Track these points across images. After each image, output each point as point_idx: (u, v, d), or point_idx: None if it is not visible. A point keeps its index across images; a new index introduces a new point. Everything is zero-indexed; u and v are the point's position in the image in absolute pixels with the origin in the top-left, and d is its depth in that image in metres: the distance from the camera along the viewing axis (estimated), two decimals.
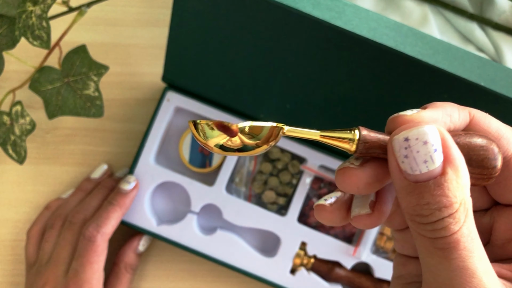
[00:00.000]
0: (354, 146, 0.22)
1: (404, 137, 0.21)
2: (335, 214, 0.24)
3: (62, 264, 0.46)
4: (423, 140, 0.20)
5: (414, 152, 0.20)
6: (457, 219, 0.20)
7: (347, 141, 0.22)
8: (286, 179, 0.53)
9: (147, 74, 0.56)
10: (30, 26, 0.41)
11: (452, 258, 0.20)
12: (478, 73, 0.40)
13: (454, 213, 0.20)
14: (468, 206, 0.21)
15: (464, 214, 0.20)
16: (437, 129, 0.21)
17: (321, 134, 0.23)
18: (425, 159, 0.20)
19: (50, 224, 0.49)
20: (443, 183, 0.20)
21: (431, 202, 0.20)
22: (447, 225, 0.20)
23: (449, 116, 0.23)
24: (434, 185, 0.20)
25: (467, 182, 0.21)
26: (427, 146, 0.20)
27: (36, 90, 0.45)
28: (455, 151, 0.21)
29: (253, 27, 0.43)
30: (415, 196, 0.21)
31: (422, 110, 0.22)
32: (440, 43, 0.40)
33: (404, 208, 0.21)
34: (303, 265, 0.51)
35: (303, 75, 0.45)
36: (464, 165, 0.21)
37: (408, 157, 0.21)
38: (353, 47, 0.40)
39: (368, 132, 0.22)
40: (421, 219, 0.21)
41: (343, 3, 0.39)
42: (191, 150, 0.53)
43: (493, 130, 0.23)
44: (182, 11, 0.44)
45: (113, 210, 0.47)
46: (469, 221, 0.21)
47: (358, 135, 0.22)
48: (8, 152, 0.48)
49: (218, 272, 0.53)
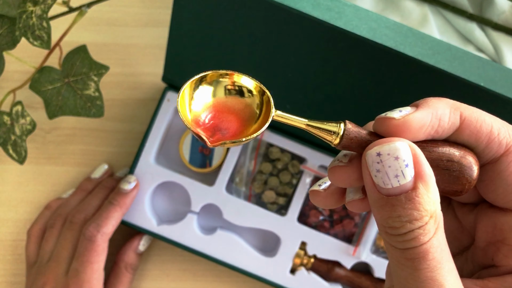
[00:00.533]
0: (338, 139, 0.23)
1: (376, 152, 0.21)
2: (328, 199, 0.25)
3: (63, 263, 0.46)
4: (395, 155, 0.21)
5: (386, 167, 0.21)
6: (427, 231, 0.21)
7: (331, 133, 0.23)
8: (286, 179, 0.53)
9: (147, 74, 0.56)
10: (31, 26, 0.41)
11: (421, 268, 0.21)
12: (478, 74, 0.40)
13: (424, 225, 0.21)
14: (439, 220, 0.21)
15: (434, 227, 0.21)
16: (409, 146, 0.21)
17: (307, 123, 0.24)
18: (396, 173, 0.21)
19: (50, 224, 0.49)
20: (414, 197, 0.21)
21: (402, 215, 0.21)
22: (417, 236, 0.21)
23: (438, 119, 0.22)
24: (405, 199, 0.21)
25: (437, 197, 0.21)
26: (398, 162, 0.21)
27: (37, 90, 0.45)
28: (425, 168, 0.21)
29: (253, 28, 0.43)
30: (387, 209, 0.21)
31: (410, 112, 0.22)
32: (439, 43, 0.40)
33: (378, 220, 0.22)
34: (303, 265, 0.51)
35: (303, 75, 0.45)
36: (433, 181, 0.21)
37: (380, 172, 0.21)
38: (353, 47, 0.40)
39: (353, 127, 0.23)
40: (392, 230, 0.21)
41: (343, 4, 0.39)
42: (191, 150, 0.53)
43: (483, 134, 0.23)
44: (182, 11, 0.44)
45: (114, 210, 0.48)
46: (439, 234, 0.21)
47: (342, 130, 0.23)
48: (8, 152, 0.48)
49: (218, 271, 0.53)
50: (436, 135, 0.23)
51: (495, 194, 0.24)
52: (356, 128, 0.23)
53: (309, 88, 0.46)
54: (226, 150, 0.52)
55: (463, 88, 0.40)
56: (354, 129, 0.23)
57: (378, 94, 0.44)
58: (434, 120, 0.22)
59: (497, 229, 0.24)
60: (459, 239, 0.26)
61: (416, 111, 0.22)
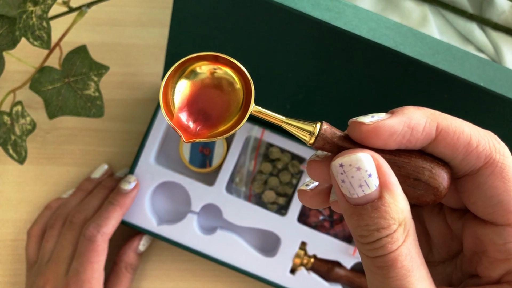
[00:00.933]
0: (313, 139, 0.23)
1: (339, 163, 0.22)
2: (315, 199, 0.25)
3: (63, 263, 0.46)
4: (356, 166, 0.21)
5: (349, 177, 0.22)
6: (395, 239, 0.21)
7: (307, 133, 0.23)
8: (286, 179, 0.53)
9: (147, 74, 0.56)
10: (31, 26, 0.41)
11: (390, 276, 0.21)
12: (478, 74, 0.40)
13: (392, 233, 0.21)
14: (409, 228, 0.22)
15: (403, 235, 0.21)
16: (371, 156, 0.21)
17: (285, 121, 0.24)
18: (360, 183, 0.21)
19: (50, 224, 0.49)
20: (380, 206, 0.21)
21: (369, 224, 0.21)
22: (384, 244, 0.21)
23: (411, 129, 0.22)
24: (372, 208, 0.21)
25: (405, 206, 0.22)
26: (360, 172, 0.21)
27: (37, 90, 0.45)
28: (390, 177, 0.21)
29: (253, 28, 0.43)
30: (355, 218, 0.22)
31: (382, 118, 0.22)
32: (439, 44, 0.40)
33: (350, 229, 0.22)
34: (303, 264, 0.51)
35: (303, 75, 0.45)
36: (399, 190, 0.22)
37: (345, 182, 0.22)
38: (353, 47, 0.40)
39: (329, 129, 0.23)
40: (362, 239, 0.22)
41: (343, 4, 0.39)
42: (191, 150, 0.53)
43: (460, 146, 0.22)
44: (182, 11, 0.44)
45: (114, 210, 0.48)
46: (409, 242, 0.21)
47: (318, 130, 0.23)
48: (8, 152, 0.48)
49: (218, 271, 0.53)
50: (409, 145, 0.23)
51: (476, 206, 0.23)
52: (332, 130, 0.23)
53: (309, 88, 0.46)
54: (226, 150, 0.52)
55: (463, 88, 0.40)
56: (329, 131, 0.23)
57: (378, 94, 0.44)
58: (406, 129, 0.22)
59: (479, 240, 0.24)
60: (449, 245, 0.26)
61: (389, 118, 0.22)
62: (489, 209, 0.23)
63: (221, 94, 0.24)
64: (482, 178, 0.23)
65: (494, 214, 0.23)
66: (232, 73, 0.24)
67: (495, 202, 0.22)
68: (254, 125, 0.50)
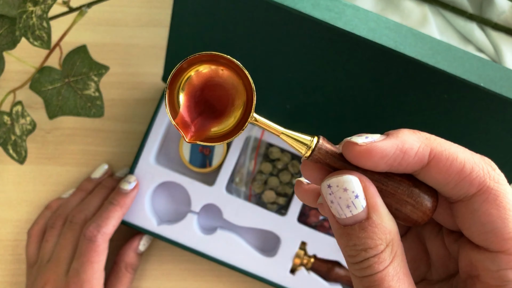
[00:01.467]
0: (309, 152, 0.23)
1: (327, 184, 0.23)
2: (308, 194, 0.26)
3: (63, 263, 0.46)
4: (343, 187, 0.22)
5: (337, 198, 0.22)
6: (382, 259, 0.22)
7: (304, 146, 0.24)
8: (286, 179, 0.53)
9: (147, 74, 0.56)
10: (31, 26, 0.41)
11: None
12: (478, 74, 0.40)
13: (379, 254, 0.22)
14: (397, 248, 0.22)
15: (390, 255, 0.22)
16: (358, 178, 0.22)
17: (283, 132, 0.24)
18: (347, 204, 0.22)
19: (51, 224, 0.49)
20: (367, 226, 0.22)
21: (357, 244, 0.22)
22: (372, 264, 0.22)
23: (403, 153, 0.22)
24: (359, 228, 0.22)
25: (392, 227, 0.22)
26: (347, 193, 0.22)
27: (37, 90, 0.45)
28: (376, 199, 0.22)
29: (253, 28, 0.43)
30: (344, 238, 0.22)
31: (375, 140, 0.23)
32: (439, 44, 0.40)
33: (340, 249, 0.23)
34: (303, 264, 0.51)
35: (303, 75, 0.45)
36: (386, 211, 0.22)
37: (333, 202, 0.22)
38: (353, 47, 0.40)
39: (325, 144, 0.24)
40: (350, 259, 0.22)
41: (343, 4, 0.39)
42: (191, 150, 0.53)
43: (453, 173, 0.22)
44: (182, 11, 0.44)
45: (114, 209, 0.48)
46: (396, 263, 0.22)
47: (314, 144, 0.23)
48: (8, 152, 0.48)
49: (218, 271, 0.53)
50: (400, 168, 0.23)
51: (470, 231, 0.23)
52: (328, 146, 0.24)
53: (309, 88, 0.46)
54: (226, 150, 0.52)
55: (462, 89, 0.40)
56: (326, 146, 0.23)
57: (378, 94, 0.44)
58: (398, 152, 0.22)
59: (473, 265, 0.24)
60: (447, 265, 0.26)
61: (382, 140, 0.23)
62: (483, 236, 0.23)
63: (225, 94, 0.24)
64: (475, 204, 0.23)
65: (488, 240, 0.23)
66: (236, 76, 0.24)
67: (489, 228, 0.22)
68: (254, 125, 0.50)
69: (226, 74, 0.24)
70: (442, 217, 0.25)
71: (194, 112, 0.24)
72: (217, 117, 0.24)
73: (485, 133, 0.43)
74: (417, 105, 0.43)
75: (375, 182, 0.23)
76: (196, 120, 0.24)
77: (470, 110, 0.42)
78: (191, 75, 0.24)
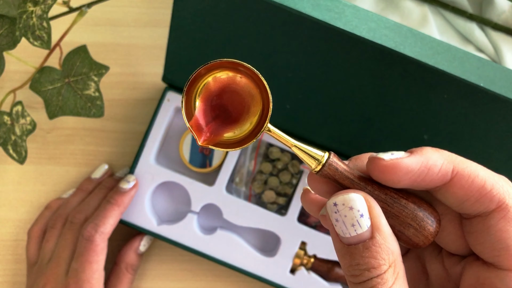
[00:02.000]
0: (319, 167, 0.24)
1: (333, 202, 0.23)
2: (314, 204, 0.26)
3: (63, 264, 0.46)
4: (349, 206, 0.23)
5: (343, 216, 0.23)
6: (385, 279, 0.22)
7: (314, 160, 0.24)
8: (286, 179, 0.53)
9: (147, 74, 0.56)
10: (31, 26, 0.41)
11: None
12: (478, 74, 0.40)
13: (383, 274, 0.22)
14: (399, 269, 0.23)
15: (393, 276, 0.22)
16: (363, 197, 0.23)
17: (295, 145, 0.25)
18: (352, 223, 0.23)
19: (51, 224, 0.49)
20: (371, 246, 0.22)
21: (360, 263, 0.22)
22: (375, 284, 0.22)
23: (428, 169, 0.23)
24: (363, 247, 0.22)
25: (395, 248, 0.23)
26: (352, 212, 0.23)
27: (37, 90, 0.45)
28: (381, 219, 0.23)
29: (253, 28, 0.43)
30: (347, 258, 0.23)
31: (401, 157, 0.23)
32: (439, 44, 0.40)
33: (342, 269, 0.24)
34: (303, 264, 0.51)
35: (303, 75, 0.45)
36: (390, 232, 0.23)
37: (338, 221, 0.23)
38: (353, 47, 0.40)
39: (336, 160, 0.24)
40: (353, 279, 0.23)
41: (343, 4, 0.39)
42: (191, 150, 0.53)
43: (474, 189, 0.23)
44: (183, 11, 0.44)
45: (111, 209, 0.47)
46: (398, 284, 0.22)
47: (325, 159, 0.24)
48: (8, 152, 0.48)
49: (218, 271, 0.53)
50: (423, 183, 0.24)
51: (482, 247, 0.24)
52: (339, 162, 0.24)
53: (309, 88, 0.46)
54: None
55: (462, 89, 0.40)
56: (336, 163, 0.24)
57: (378, 94, 0.44)
58: (422, 168, 0.23)
59: (479, 283, 0.24)
60: (445, 287, 0.27)
61: (407, 157, 0.23)
62: (495, 252, 0.23)
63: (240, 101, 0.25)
64: (493, 221, 0.23)
65: (499, 257, 0.23)
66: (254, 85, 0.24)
67: (503, 245, 0.23)
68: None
69: (244, 82, 0.24)
70: (445, 239, 0.26)
71: (209, 116, 0.24)
72: (231, 123, 0.25)
73: (485, 133, 0.43)
74: (417, 105, 0.43)
75: (380, 203, 0.24)
76: (210, 124, 0.24)
77: (470, 110, 0.42)
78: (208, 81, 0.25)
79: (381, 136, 0.46)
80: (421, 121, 0.44)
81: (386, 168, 0.23)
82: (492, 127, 0.43)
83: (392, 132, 0.46)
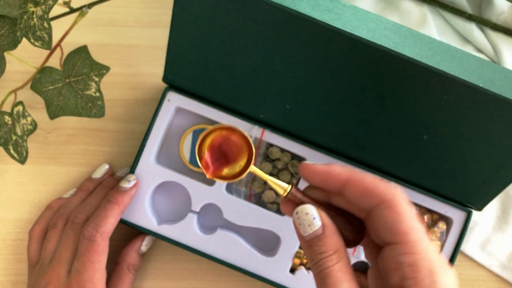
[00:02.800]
0: (285, 194, 0.36)
1: (295, 212, 0.35)
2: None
3: (65, 264, 0.46)
4: (305, 212, 0.34)
5: (301, 220, 0.34)
6: (330, 259, 0.32)
7: (282, 189, 0.37)
8: (286, 179, 0.53)
9: (148, 75, 0.57)
10: (32, 26, 0.41)
11: (327, 282, 0.31)
12: (477, 74, 0.40)
13: (330, 256, 0.32)
14: (342, 255, 0.33)
15: (337, 258, 0.32)
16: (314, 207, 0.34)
17: (270, 179, 0.37)
18: (308, 223, 0.34)
19: (52, 224, 0.49)
20: (323, 238, 0.33)
21: (316, 251, 0.33)
22: (324, 262, 0.32)
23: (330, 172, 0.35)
24: (317, 239, 0.33)
25: (339, 240, 0.33)
26: (308, 216, 0.34)
27: (38, 90, 0.46)
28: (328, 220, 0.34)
29: (253, 28, 0.43)
30: (308, 249, 0.33)
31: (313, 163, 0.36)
32: (439, 44, 0.40)
33: (306, 258, 0.34)
34: (303, 264, 0.51)
35: (303, 76, 0.45)
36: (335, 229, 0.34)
37: (300, 224, 0.34)
38: (352, 48, 0.41)
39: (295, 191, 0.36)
40: (311, 262, 0.33)
41: (342, 5, 0.39)
42: (192, 150, 0.53)
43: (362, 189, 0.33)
44: (183, 12, 0.44)
45: (111, 208, 0.47)
46: (341, 263, 0.32)
47: (289, 190, 0.36)
48: (9, 152, 0.48)
49: (219, 271, 0.53)
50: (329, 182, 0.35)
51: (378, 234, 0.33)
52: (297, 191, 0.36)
53: (309, 88, 0.46)
54: None
55: (462, 89, 0.40)
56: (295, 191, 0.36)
57: (377, 94, 0.44)
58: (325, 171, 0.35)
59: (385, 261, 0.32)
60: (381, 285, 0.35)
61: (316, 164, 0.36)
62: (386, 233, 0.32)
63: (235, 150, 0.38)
64: (379, 211, 0.33)
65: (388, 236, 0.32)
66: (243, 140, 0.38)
67: (388, 227, 0.32)
68: (254, 125, 0.51)
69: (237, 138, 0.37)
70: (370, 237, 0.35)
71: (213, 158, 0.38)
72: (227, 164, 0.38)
73: (485, 133, 0.43)
74: (417, 105, 0.43)
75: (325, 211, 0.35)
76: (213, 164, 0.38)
77: (470, 110, 0.42)
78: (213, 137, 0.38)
79: (381, 136, 0.46)
80: (421, 121, 0.44)
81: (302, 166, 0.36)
82: (491, 127, 0.43)
83: (391, 132, 0.46)
